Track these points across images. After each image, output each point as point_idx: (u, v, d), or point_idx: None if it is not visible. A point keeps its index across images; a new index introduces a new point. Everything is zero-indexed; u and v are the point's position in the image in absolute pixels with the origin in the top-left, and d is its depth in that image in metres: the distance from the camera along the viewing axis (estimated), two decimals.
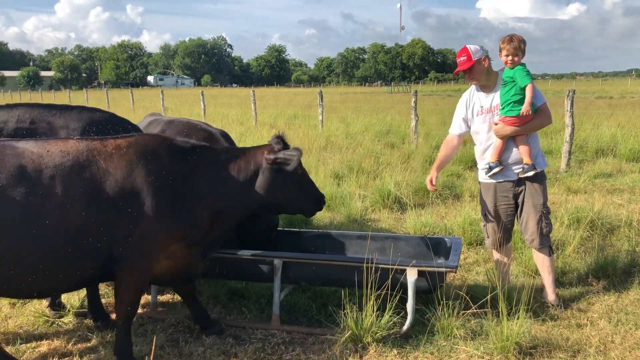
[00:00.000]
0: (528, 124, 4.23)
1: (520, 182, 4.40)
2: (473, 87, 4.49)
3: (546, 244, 4.46)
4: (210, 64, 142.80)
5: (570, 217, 6.26)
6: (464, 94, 4.59)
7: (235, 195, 3.78)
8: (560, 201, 7.66)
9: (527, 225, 4.45)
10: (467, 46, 4.32)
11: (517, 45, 4.19)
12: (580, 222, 6.06)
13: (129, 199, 3.32)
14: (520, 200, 4.44)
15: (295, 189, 3.96)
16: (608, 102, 28.04)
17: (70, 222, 3.17)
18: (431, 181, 4.55)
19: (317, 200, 4.12)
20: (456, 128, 4.61)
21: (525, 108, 4.15)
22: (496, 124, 4.31)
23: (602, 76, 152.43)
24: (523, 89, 4.16)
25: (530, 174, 4.30)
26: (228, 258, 4.34)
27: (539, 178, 4.40)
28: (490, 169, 4.41)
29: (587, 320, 4.24)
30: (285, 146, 3.89)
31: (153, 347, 3.46)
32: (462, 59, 4.31)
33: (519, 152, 4.32)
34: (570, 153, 10.53)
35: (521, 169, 4.34)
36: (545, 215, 4.40)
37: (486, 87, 4.41)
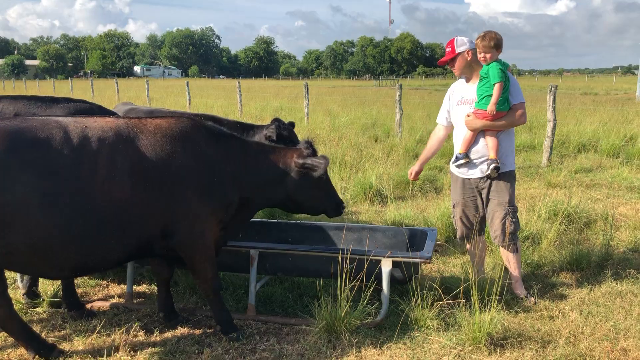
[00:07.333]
0: (498, 121, 4.25)
1: (485, 178, 4.41)
2: (461, 78, 4.52)
3: (510, 242, 4.46)
4: (198, 55, 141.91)
5: (547, 210, 6.33)
6: (451, 85, 4.65)
7: (261, 187, 4.00)
8: (540, 195, 7.73)
9: (492, 222, 4.49)
10: (456, 38, 4.36)
11: (488, 43, 4.22)
12: (557, 216, 6.11)
13: (174, 179, 3.49)
14: (485, 196, 4.47)
15: (317, 193, 4.18)
16: (592, 98, 28.24)
17: (119, 196, 3.28)
18: (412, 172, 4.67)
19: (337, 205, 4.32)
20: (441, 118, 4.70)
21: (489, 107, 4.19)
22: (468, 116, 4.35)
23: (588, 73, 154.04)
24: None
25: (492, 167, 4.28)
26: None
27: (506, 176, 4.38)
28: (457, 159, 4.44)
29: (559, 312, 4.29)
30: (314, 152, 4.10)
31: (123, 336, 3.45)
32: (447, 50, 4.38)
33: (487, 148, 4.33)
34: (551, 148, 10.62)
35: (486, 166, 4.34)
36: (510, 214, 4.40)
37: (470, 79, 4.43)
